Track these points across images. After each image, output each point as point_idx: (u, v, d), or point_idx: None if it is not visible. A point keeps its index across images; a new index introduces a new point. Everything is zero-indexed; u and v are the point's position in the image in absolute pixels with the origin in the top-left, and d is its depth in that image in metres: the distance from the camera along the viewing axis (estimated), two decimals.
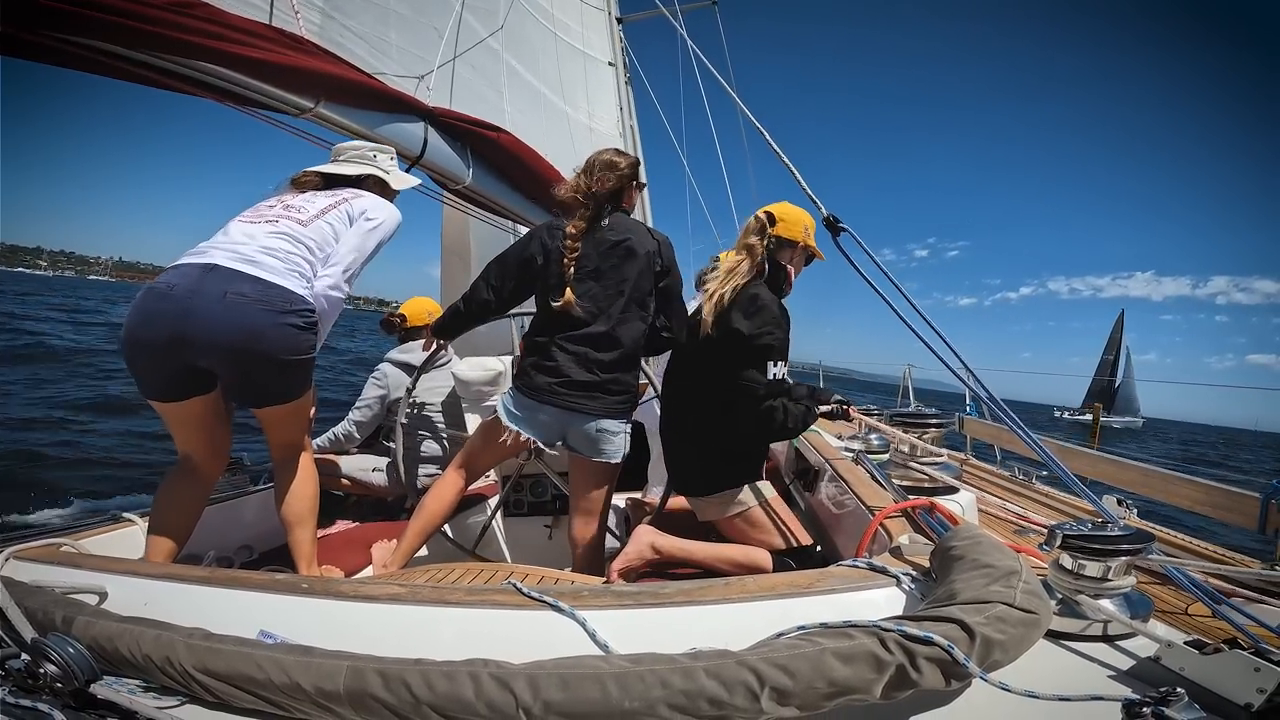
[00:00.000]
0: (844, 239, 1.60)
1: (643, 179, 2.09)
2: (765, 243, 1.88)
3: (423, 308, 3.07)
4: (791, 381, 1.88)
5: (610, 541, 2.88)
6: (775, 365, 1.75)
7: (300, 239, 1.66)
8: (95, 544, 1.59)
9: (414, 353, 2.89)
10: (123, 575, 1.15)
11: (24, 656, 0.76)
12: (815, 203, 1.57)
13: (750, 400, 1.76)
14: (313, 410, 1.87)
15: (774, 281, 1.89)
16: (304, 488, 1.76)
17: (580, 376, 1.83)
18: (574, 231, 1.88)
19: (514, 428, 1.89)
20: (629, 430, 1.94)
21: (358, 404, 2.87)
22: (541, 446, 1.92)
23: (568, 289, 1.84)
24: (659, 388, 2.42)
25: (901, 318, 1.48)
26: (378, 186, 1.95)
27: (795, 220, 1.93)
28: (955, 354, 1.48)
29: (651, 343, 2.03)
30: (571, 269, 1.86)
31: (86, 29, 1.32)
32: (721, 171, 6.18)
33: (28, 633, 0.78)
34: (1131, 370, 60.32)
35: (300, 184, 1.85)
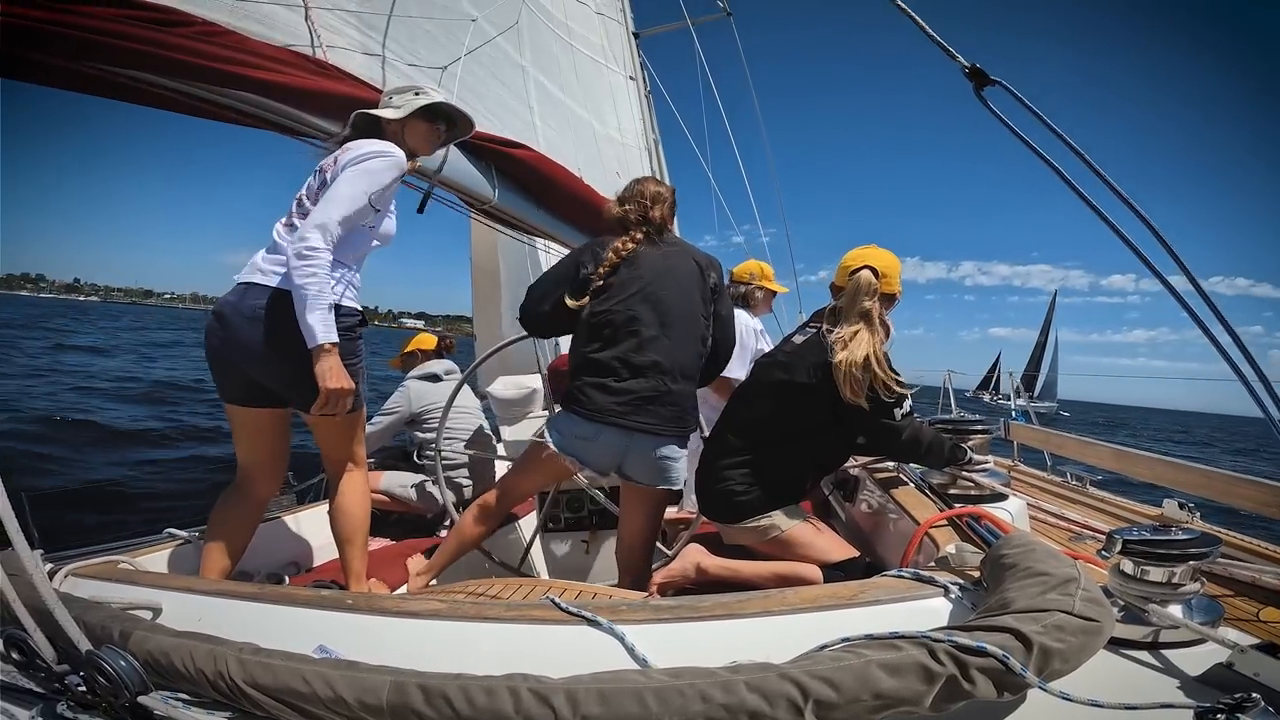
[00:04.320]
0: (994, 94, 1.22)
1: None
2: (879, 305, 1.79)
3: (417, 340, 3.22)
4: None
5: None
6: (902, 407, 1.75)
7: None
8: (149, 561, 1.65)
9: (432, 365, 2.97)
10: (177, 591, 1.19)
11: (82, 673, 0.79)
12: (951, 53, 1.28)
13: (897, 440, 1.77)
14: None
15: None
16: (355, 506, 1.78)
17: (646, 392, 1.76)
18: (619, 246, 1.86)
19: (568, 457, 1.81)
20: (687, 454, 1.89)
21: (378, 414, 2.89)
22: (593, 474, 1.84)
23: (587, 296, 1.83)
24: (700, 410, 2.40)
25: (1094, 207, 1.11)
26: (390, 129, 1.76)
27: (895, 273, 1.85)
28: (1190, 276, 1.06)
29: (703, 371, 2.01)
30: (601, 280, 1.83)
31: (120, 59, 1.38)
32: (743, 176, 6.22)
33: (83, 645, 0.81)
34: (1058, 355, 59.82)
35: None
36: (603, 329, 1.81)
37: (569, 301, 1.84)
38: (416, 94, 1.81)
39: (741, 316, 2.95)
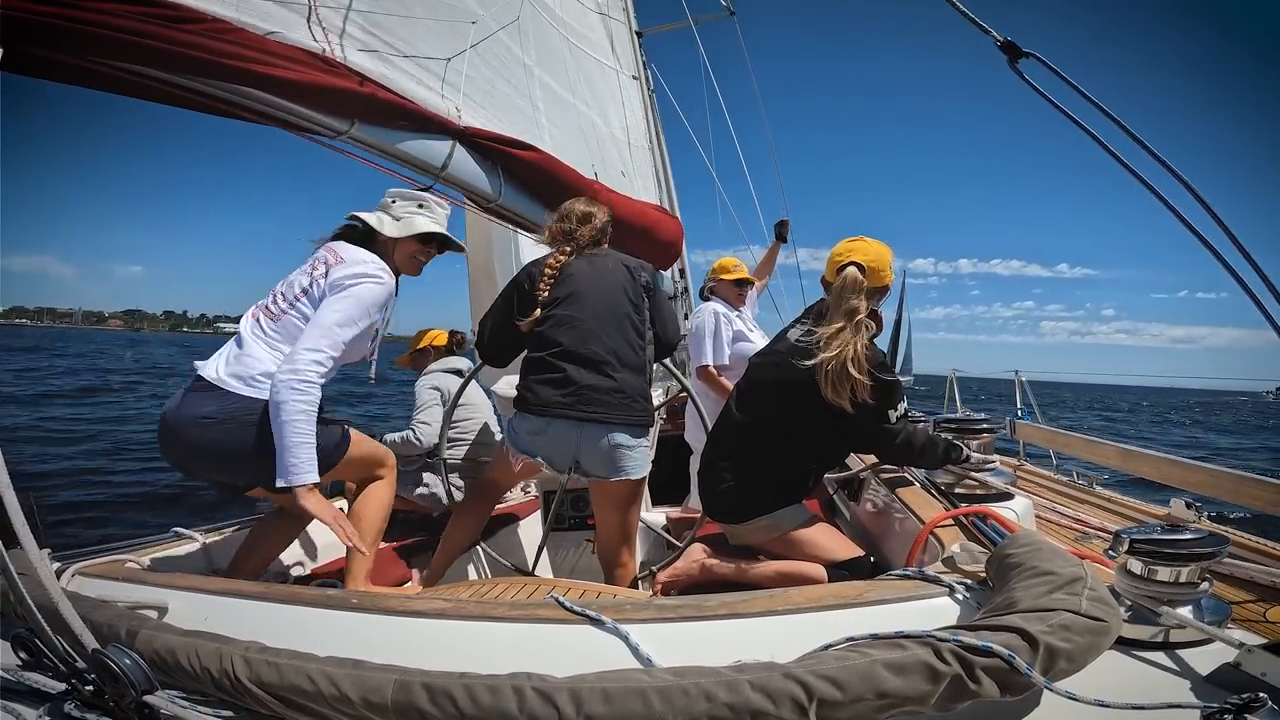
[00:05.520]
0: (1029, 67, 1.21)
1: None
2: (866, 301, 1.75)
3: (429, 336, 3.12)
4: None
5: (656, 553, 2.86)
6: (897, 409, 1.76)
7: (275, 339, 1.61)
8: (156, 560, 1.65)
9: (454, 361, 2.96)
10: (183, 590, 1.19)
11: (91, 675, 0.79)
12: (985, 28, 1.29)
13: (889, 444, 1.79)
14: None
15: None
16: (369, 509, 1.81)
17: (591, 382, 1.82)
18: (552, 262, 1.97)
19: (523, 454, 1.89)
20: (649, 444, 1.92)
21: (419, 410, 2.80)
22: (553, 472, 1.88)
23: (536, 309, 1.91)
24: (699, 402, 2.40)
25: (1129, 168, 1.12)
26: (383, 240, 1.78)
27: (884, 264, 1.81)
28: (1231, 237, 1.03)
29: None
30: (545, 292, 1.92)
31: (131, 55, 1.37)
32: (745, 174, 6.25)
33: (90, 644, 0.82)
34: (910, 330, 63.30)
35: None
36: (546, 334, 1.89)
37: (519, 323, 1.93)
38: (420, 206, 1.83)
39: (709, 305, 3.20)
